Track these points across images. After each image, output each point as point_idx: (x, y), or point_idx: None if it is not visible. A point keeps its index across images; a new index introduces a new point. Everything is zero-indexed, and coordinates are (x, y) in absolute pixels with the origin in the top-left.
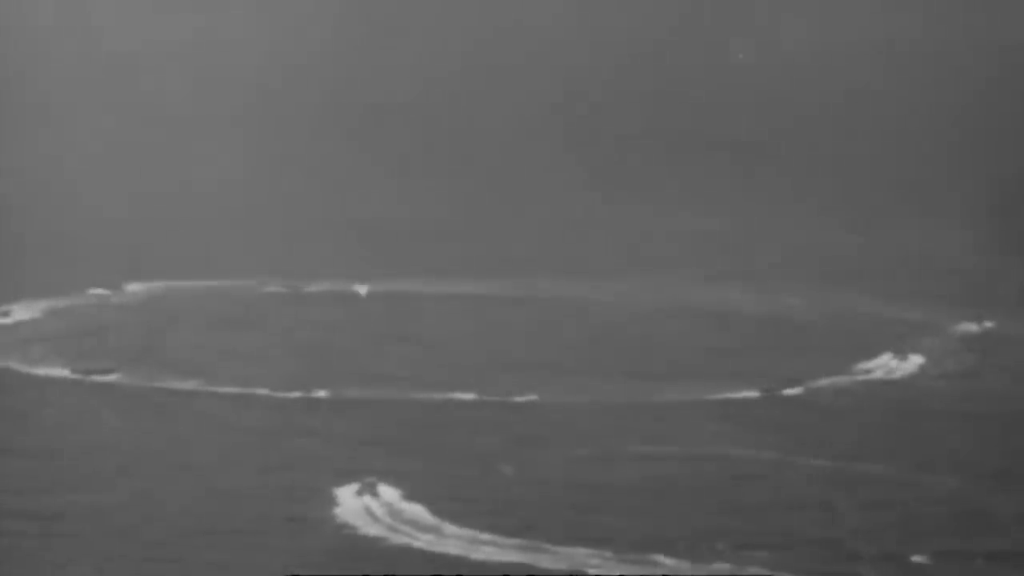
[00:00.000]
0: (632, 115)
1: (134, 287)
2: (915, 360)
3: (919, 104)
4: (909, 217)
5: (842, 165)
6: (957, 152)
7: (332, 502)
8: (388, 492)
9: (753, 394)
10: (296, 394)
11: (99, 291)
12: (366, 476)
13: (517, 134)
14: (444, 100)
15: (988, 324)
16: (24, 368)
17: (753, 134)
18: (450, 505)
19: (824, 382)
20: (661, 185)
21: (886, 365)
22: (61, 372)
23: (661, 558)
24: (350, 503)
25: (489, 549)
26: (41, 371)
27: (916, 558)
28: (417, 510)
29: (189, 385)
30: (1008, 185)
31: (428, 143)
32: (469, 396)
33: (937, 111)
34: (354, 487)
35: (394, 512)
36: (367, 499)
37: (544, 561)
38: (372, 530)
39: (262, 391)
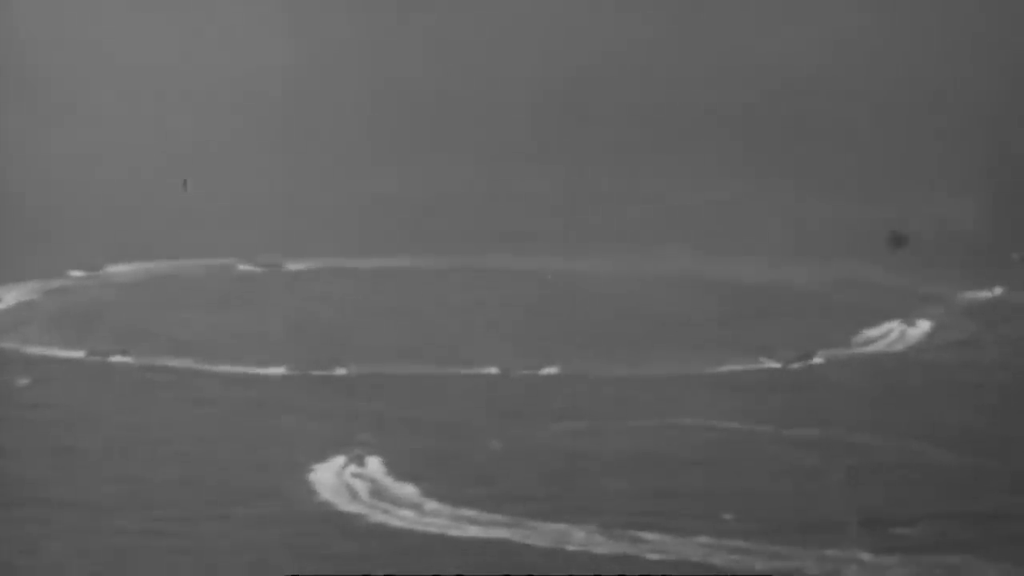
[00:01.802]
0: (636, 89)
1: (117, 268)
2: (920, 329)
3: (926, 74)
4: (917, 186)
5: (849, 135)
6: (964, 121)
7: (314, 479)
8: (373, 468)
9: (750, 366)
10: (291, 371)
11: (80, 273)
12: (352, 452)
13: (519, 109)
14: (445, 76)
15: (998, 291)
16: (26, 349)
17: (757, 106)
18: (435, 481)
19: (827, 353)
20: (664, 158)
21: (890, 335)
22: (72, 354)
23: (645, 533)
24: (333, 480)
25: (470, 526)
26: (48, 352)
27: (900, 529)
28: (401, 486)
29: (184, 363)
30: (1016, 153)
31: (428, 119)
32: (464, 371)
33: (944, 80)
34: (339, 463)
35: (377, 488)
36: (351, 476)
37: (526, 537)
38: (352, 507)
39: (255, 369)
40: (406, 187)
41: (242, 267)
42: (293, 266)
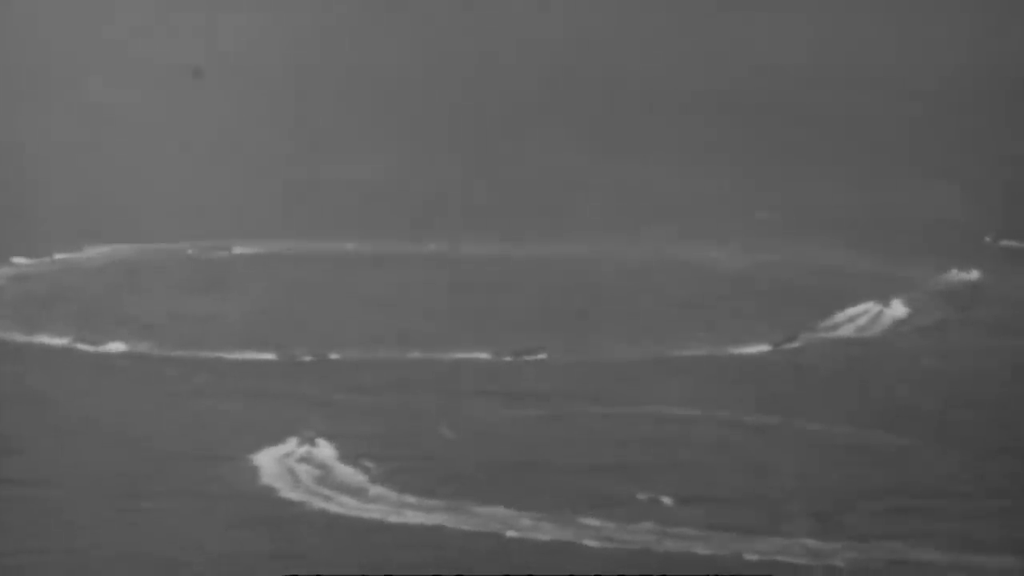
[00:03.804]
0: (619, 72)
1: (72, 254)
2: (895, 313)
3: (904, 60)
4: (895, 169)
5: (826, 120)
6: (941, 105)
7: (259, 465)
8: (323, 454)
9: (720, 351)
10: (250, 355)
11: (23, 260)
12: (301, 438)
13: (501, 93)
14: (419, 59)
15: (975, 275)
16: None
17: (734, 91)
18: (383, 467)
19: (800, 337)
20: (648, 142)
21: (864, 319)
22: (31, 339)
23: (588, 519)
24: (276, 466)
25: (411, 513)
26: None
27: (846, 515)
28: (347, 472)
29: (141, 348)
30: (997, 140)
31: (402, 103)
32: (425, 355)
33: (922, 66)
34: (287, 449)
35: (323, 474)
36: (296, 461)
37: (467, 524)
38: (293, 494)
39: (214, 354)
40: (376, 172)
41: (190, 251)
42: (251, 250)
